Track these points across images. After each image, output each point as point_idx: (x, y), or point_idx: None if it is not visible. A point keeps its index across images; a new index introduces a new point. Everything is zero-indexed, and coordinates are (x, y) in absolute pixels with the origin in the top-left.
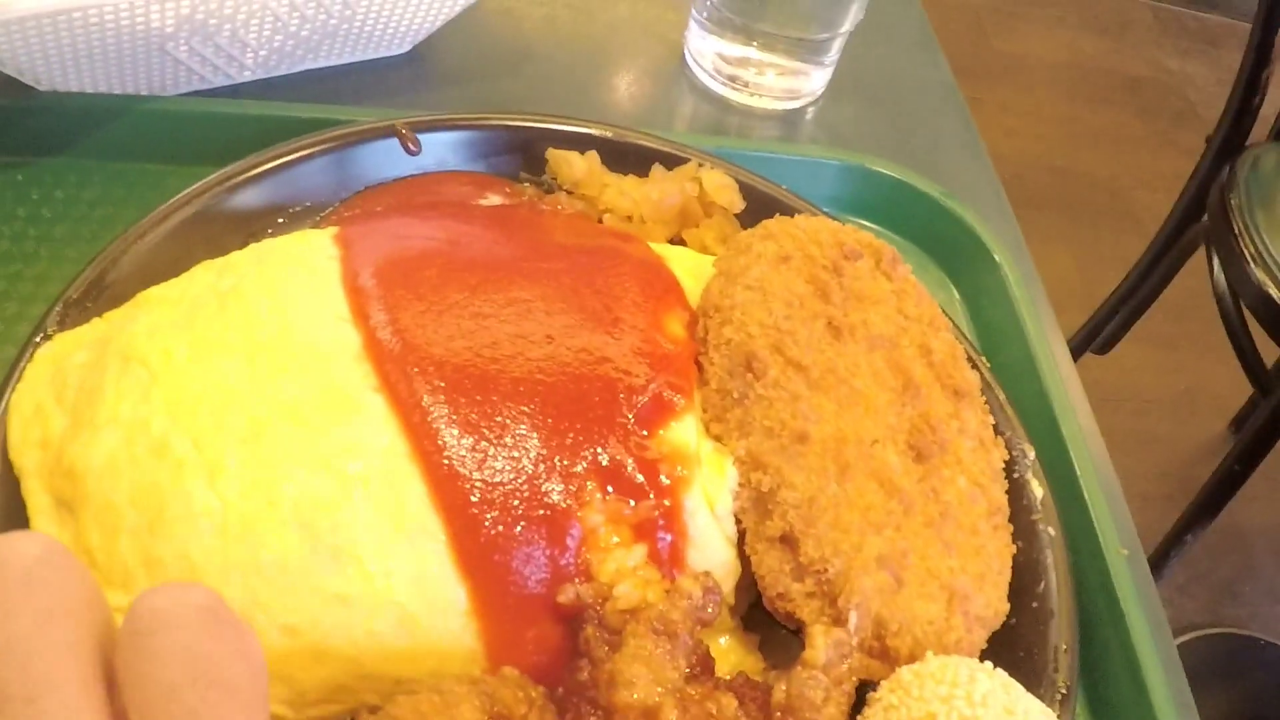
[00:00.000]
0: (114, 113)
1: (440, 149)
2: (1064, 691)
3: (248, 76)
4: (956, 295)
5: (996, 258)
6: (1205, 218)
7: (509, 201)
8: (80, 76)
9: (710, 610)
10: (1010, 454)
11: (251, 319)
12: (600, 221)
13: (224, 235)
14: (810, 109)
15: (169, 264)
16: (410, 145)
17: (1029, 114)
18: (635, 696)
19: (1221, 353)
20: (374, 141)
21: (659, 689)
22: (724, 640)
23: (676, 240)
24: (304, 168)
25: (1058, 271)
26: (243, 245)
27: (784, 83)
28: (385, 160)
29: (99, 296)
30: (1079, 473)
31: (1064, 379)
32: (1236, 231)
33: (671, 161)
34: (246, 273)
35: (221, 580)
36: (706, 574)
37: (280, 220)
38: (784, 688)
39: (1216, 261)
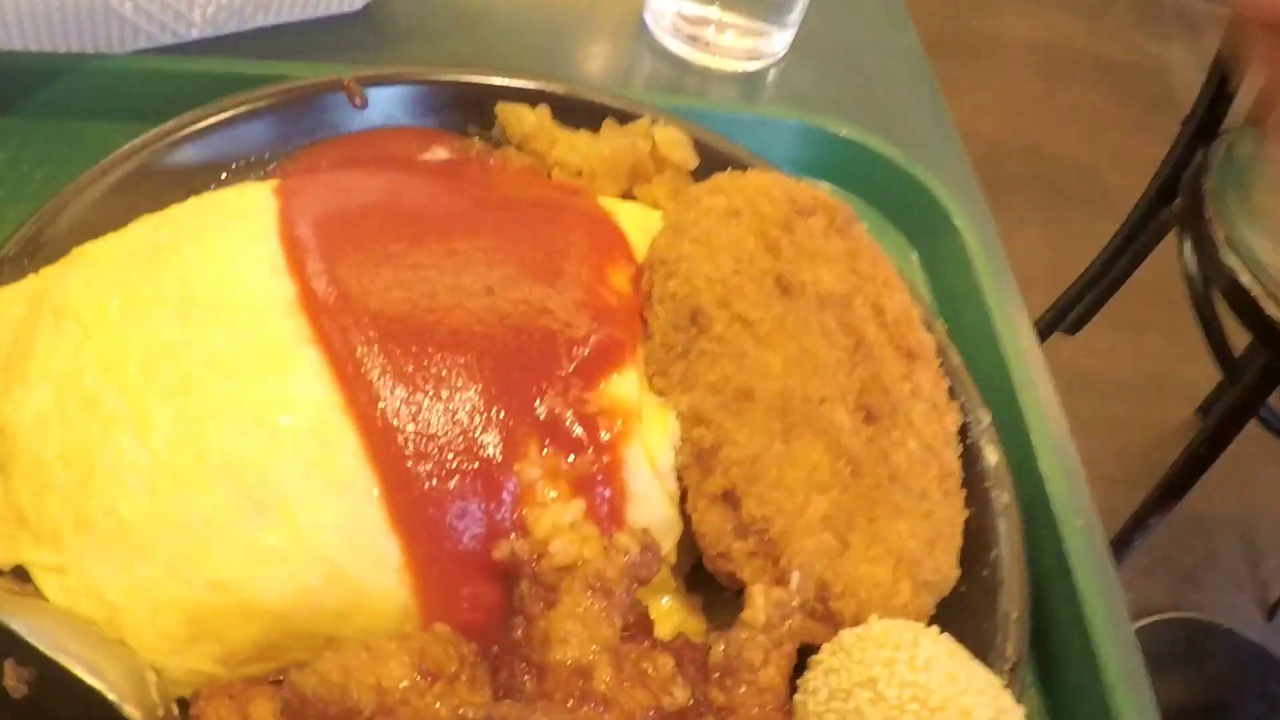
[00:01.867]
0: (58, 72)
1: (388, 104)
2: (1013, 661)
3: (195, 34)
4: (916, 260)
5: (956, 222)
6: (1178, 201)
7: (456, 156)
8: (24, 35)
9: (648, 568)
10: (965, 419)
11: (185, 272)
12: (549, 177)
13: (166, 191)
14: (771, 71)
15: (109, 221)
16: (357, 100)
17: (1003, 93)
18: (569, 655)
19: (1190, 338)
20: (320, 96)
21: (594, 647)
22: (665, 601)
23: (627, 197)
24: (248, 123)
25: (1029, 252)
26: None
27: (745, 43)
28: (332, 116)
29: (36, 253)
30: (1035, 443)
31: (1024, 349)
32: (1208, 216)
33: (625, 118)
34: (182, 226)
35: (151, 536)
36: (645, 531)
37: (224, 176)
38: (723, 648)
39: (1188, 246)
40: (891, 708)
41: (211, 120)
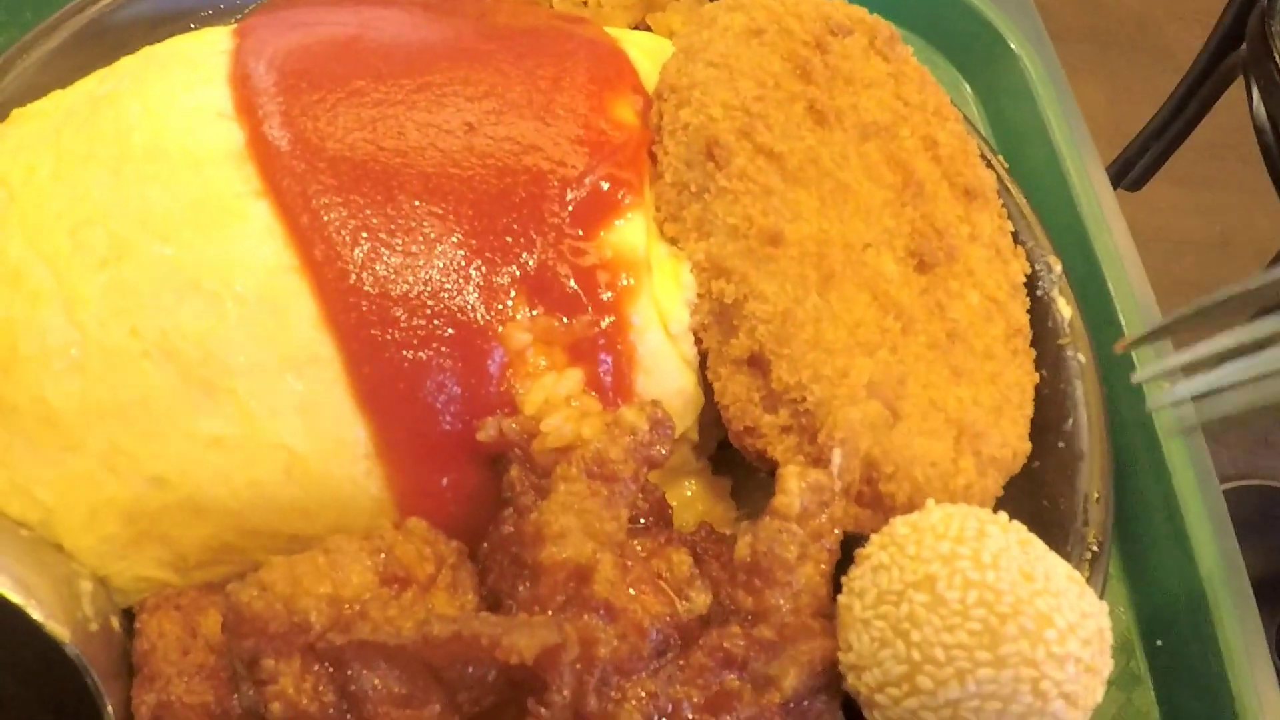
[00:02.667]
0: None
1: None
2: (1095, 549)
3: None
4: (970, 93)
5: (1014, 47)
6: (1243, 47)
7: None
8: None
9: (659, 449)
10: (1032, 267)
11: (121, 125)
12: (550, 7)
13: (127, 46)
14: None
15: (63, 78)
16: None
17: None
18: (565, 553)
19: (1258, 192)
20: None
21: (593, 544)
22: (689, 486)
23: (640, 28)
24: None
25: (1085, 106)
26: None
27: None
28: None
29: None
30: (1114, 292)
31: (1097, 191)
32: (1279, 58)
33: None
34: (126, 75)
35: (81, 427)
36: (655, 403)
37: (192, 26)
38: (750, 542)
39: (1256, 92)
40: (953, 613)
41: None
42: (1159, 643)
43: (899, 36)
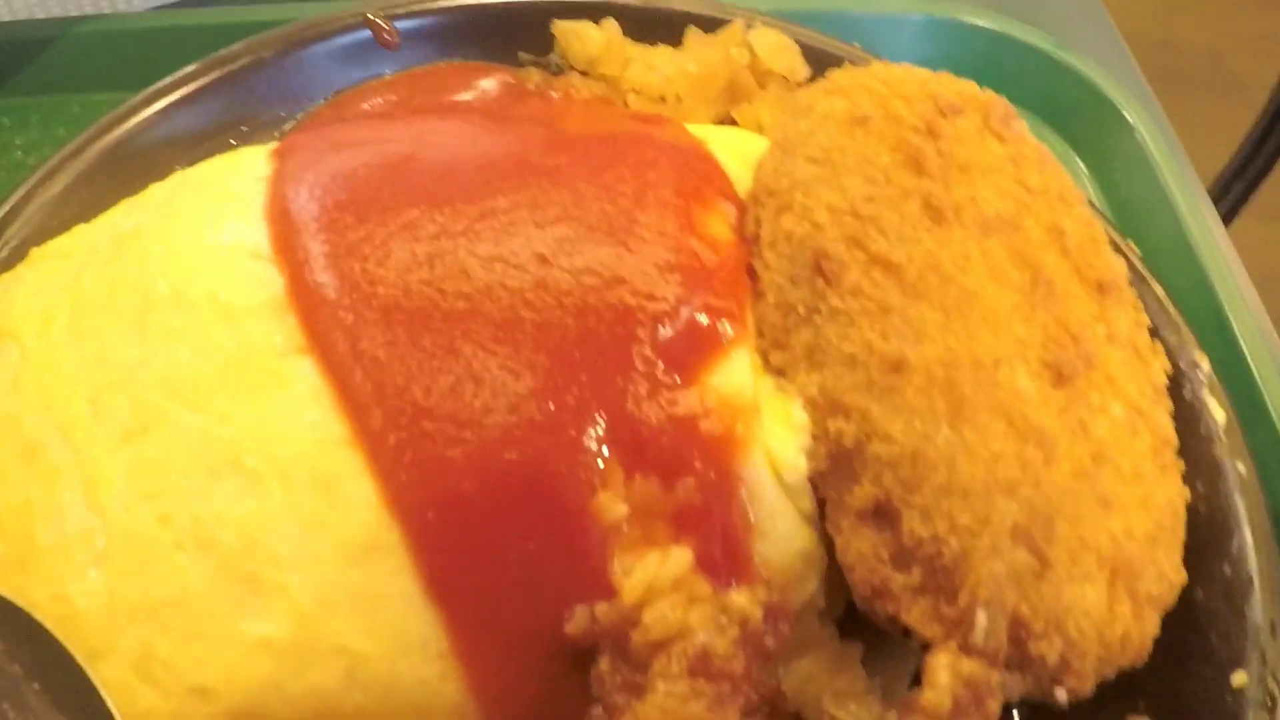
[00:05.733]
0: (53, 38)
1: (424, 40)
2: (1275, 694)
3: None
4: (1082, 167)
5: (1129, 117)
6: None
7: (508, 92)
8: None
9: (772, 641)
10: (1176, 365)
11: (145, 269)
12: (625, 106)
13: (160, 168)
14: None
15: (90, 208)
16: (386, 35)
17: None
18: None
19: None
20: (341, 37)
21: None
22: (813, 658)
23: (725, 122)
24: (256, 76)
25: None
26: None
27: None
28: (358, 60)
29: None
30: (1262, 386)
31: (1230, 268)
32: None
33: (711, 25)
34: (153, 207)
35: (110, 629)
36: (767, 585)
37: (232, 142)
38: None
39: None
40: None
41: (209, 77)
42: None
43: (1014, 112)
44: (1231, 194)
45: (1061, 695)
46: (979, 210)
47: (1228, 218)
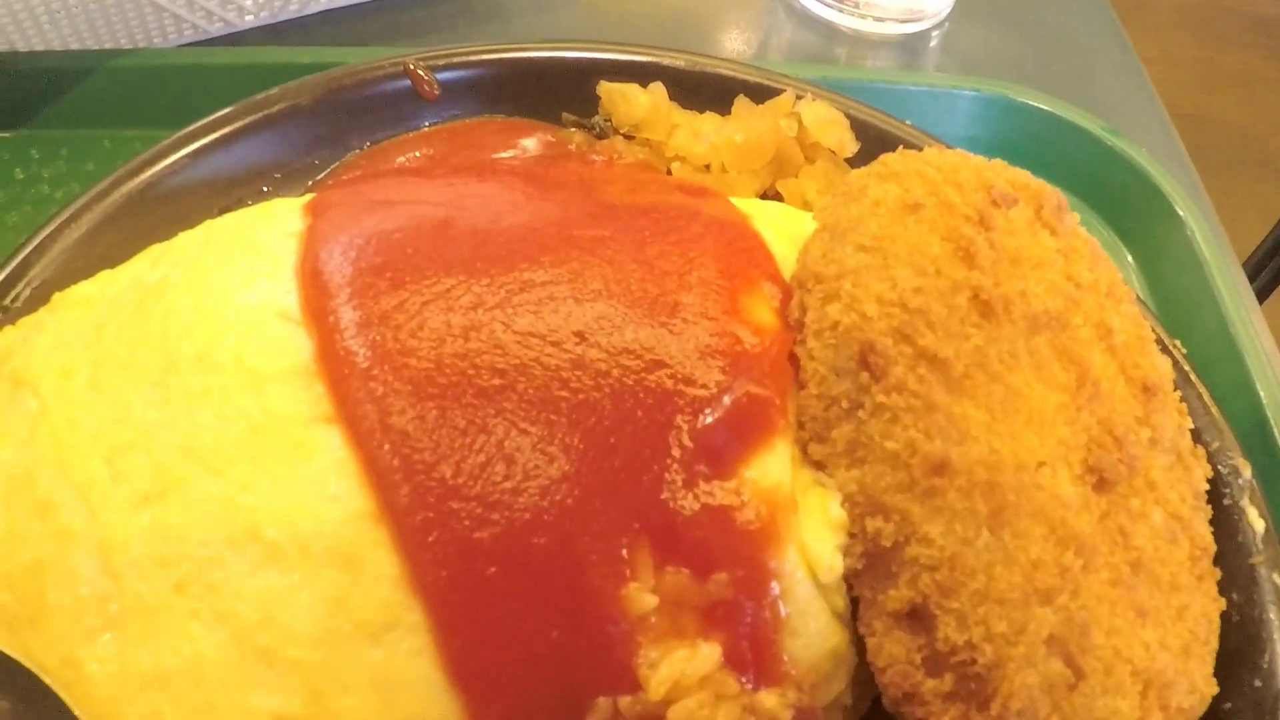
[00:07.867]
0: (84, 72)
1: (464, 92)
2: None
3: (250, 22)
4: (1129, 259)
5: (1180, 211)
6: None
7: (549, 152)
8: (53, 29)
9: None
10: (1217, 471)
11: (169, 326)
12: (668, 173)
13: (191, 212)
14: (935, 33)
15: (117, 250)
16: (425, 87)
17: (1156, 58)
18: None
19: None
20: (380, 86)
21: None
22: None
23: (770, 195)
24: (292, 122)
25: None
26: None
27: (902, 1)
28: (396, 110)
29: (16, 298)
30: None
31: (1272, 367)
32: None
33: (761, 94)
34: (182, 260)
35: (120, 698)
36: (797, 685)
37: (265, 189)
38: None
39: None
40: None
41: (243, 121)
42: None
43: (1066, 204)
44: (1266, 272)
45: None
46: (1028, 305)
47: (1263, 295)
